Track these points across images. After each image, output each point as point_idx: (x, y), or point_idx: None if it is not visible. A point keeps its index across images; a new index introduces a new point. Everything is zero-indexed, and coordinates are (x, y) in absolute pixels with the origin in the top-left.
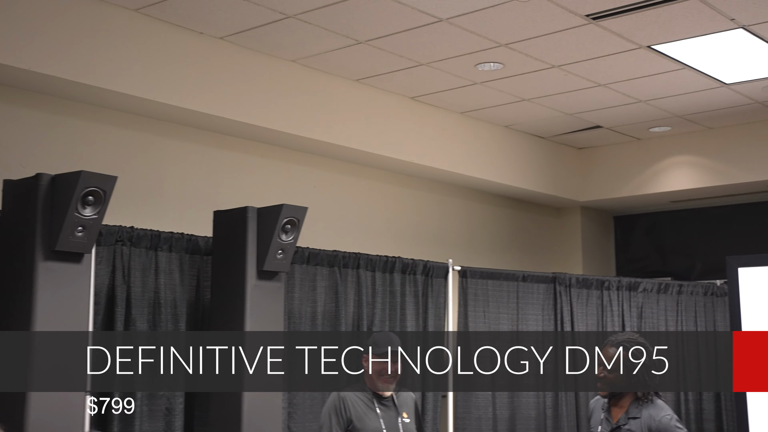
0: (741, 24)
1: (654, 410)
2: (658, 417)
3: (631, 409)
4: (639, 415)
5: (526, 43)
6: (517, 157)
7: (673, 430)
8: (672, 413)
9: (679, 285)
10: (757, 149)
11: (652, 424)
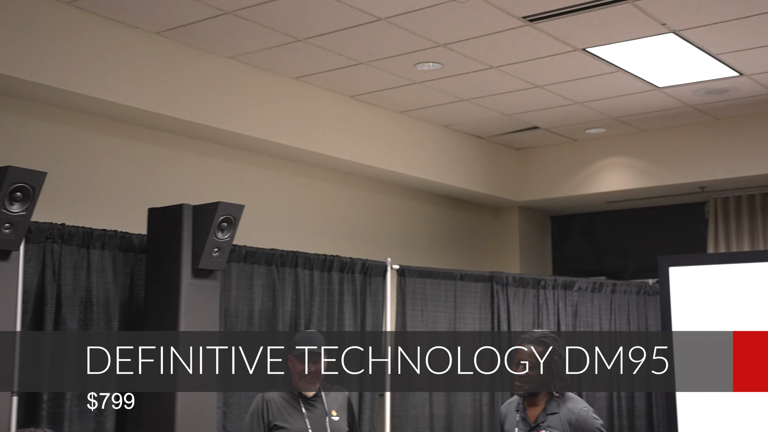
0: (672, 29)
1: (571, 403)
2: (576, 410)
3: (549, 406)
4: (557, 410)
5: (465, 44)
6: (456, 157)
7: (592, 420)
8: (588, 405)
9: (613, 284)
10: (688, 152)
11: (571, 417)
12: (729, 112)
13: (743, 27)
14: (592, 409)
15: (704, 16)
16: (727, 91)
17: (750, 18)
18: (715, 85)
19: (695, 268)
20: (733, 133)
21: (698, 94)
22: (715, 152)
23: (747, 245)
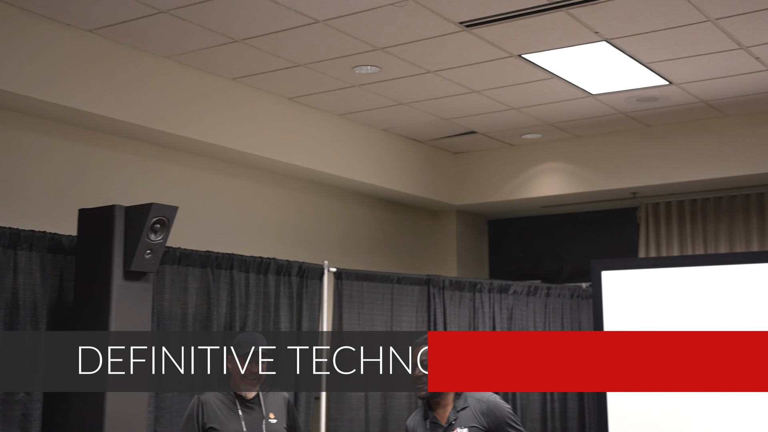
0: (604, 37)
1: (477, 394)
2: (485, 399)
3: (458, 403)
4: (466, 404)
5: (402, 48)
6: (395, 161)
7: (503, 405)
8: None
9: (548, 287)
10: (621, 158)
11: (482, 407)
12: (660, 119)
13: (672, 37)
14: (499, 397)
15: (635, 25)
16: (657, 99)
17: (679, 28)
18: (646, 93)
19: (627, 272)
20: (663, 140)
21: (630, 101)
22: (646, 159)
23: (676, 250)
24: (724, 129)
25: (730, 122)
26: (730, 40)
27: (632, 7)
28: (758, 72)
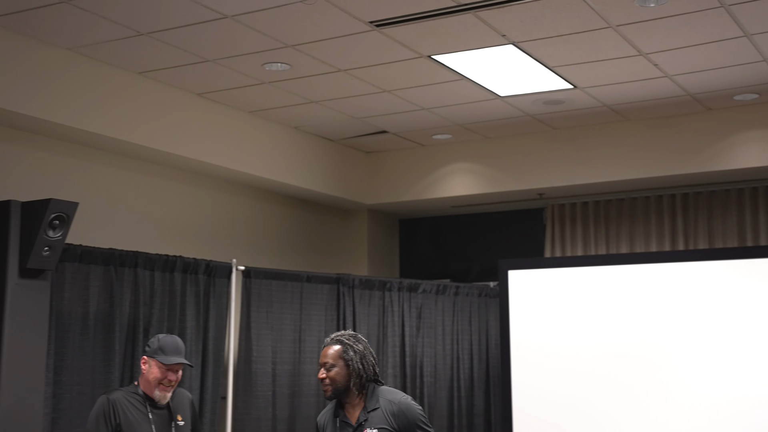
0: (511, 40)
1: (389, 395)
2: (396, 400)
3: (369, 404)
4: (377, 405)
5: (313, 46)
6: (306, 159)
7: (414, 407)
8: (409, 396)
9: (456, 286)
10: (528, 159)
11: (393, 408)
12: (565, 122)
13: (577, 42)
14: (410, 397)
15: (541, 29)
16: (563, 102)
17: (582, 34)
18: (552, 96)
19: (533, 272)
20: (569, 142)
21: (537, 104)
22: (552, 161)
23: (580, 250)
24: (626, 133)
25: (632, 126)
26: (631, 47)
27: (538, 12)
28: (657, 78)
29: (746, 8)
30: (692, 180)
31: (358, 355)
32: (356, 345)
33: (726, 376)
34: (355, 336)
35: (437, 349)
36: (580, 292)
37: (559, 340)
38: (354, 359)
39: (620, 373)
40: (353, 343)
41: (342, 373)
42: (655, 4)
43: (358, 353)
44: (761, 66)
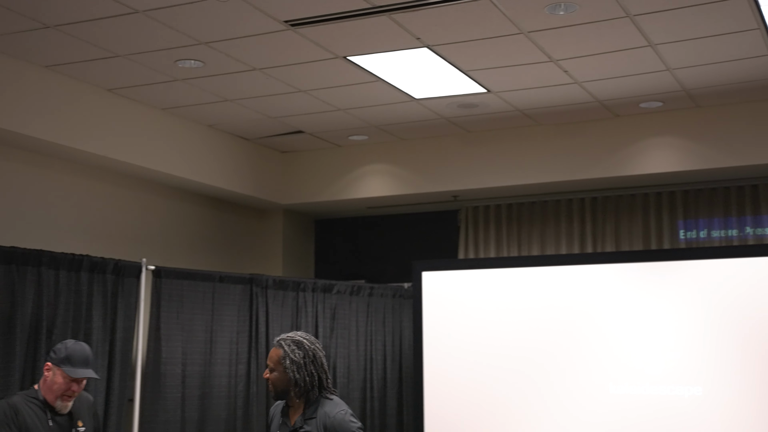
0: (426, 43)
1: (329, 407)
2: (332, 414)
3: (308, 410)
4: (314, 415)
5: (227, 44)
6: (220, 158)
7: (348, 424)
8: (347, 408)
9: (371, 287)
10: (443, 162)
11: (327, 421)
12: (479, 126)
13: (489, 47)
14: (350, 413)
15: (454, 33)
16: (476, 106)
17: (495, 39)
18: (466, 99)
19: (446, 273)
20: (483, 145)
21: (451, 107)
22: (467, 163)
23: (493, 252)
24: (538, 137)
25: (544, 131)
26: (542, 53)
27: (451, 16)
28: (567, 84)
29: (650, 19)
30: (601, 184)
31: (294, 364)
32: (295, 353)
33: (633, 378)
34: (299, 342)
35: (351, 349)
36: (492, 294)
37: (471, 341)
38: (290, 368)
39: (530, 374)
40: (292, 351)
41: (282, 378)
42: (565, 12)
43: (294, 363)
44: (665, 75)
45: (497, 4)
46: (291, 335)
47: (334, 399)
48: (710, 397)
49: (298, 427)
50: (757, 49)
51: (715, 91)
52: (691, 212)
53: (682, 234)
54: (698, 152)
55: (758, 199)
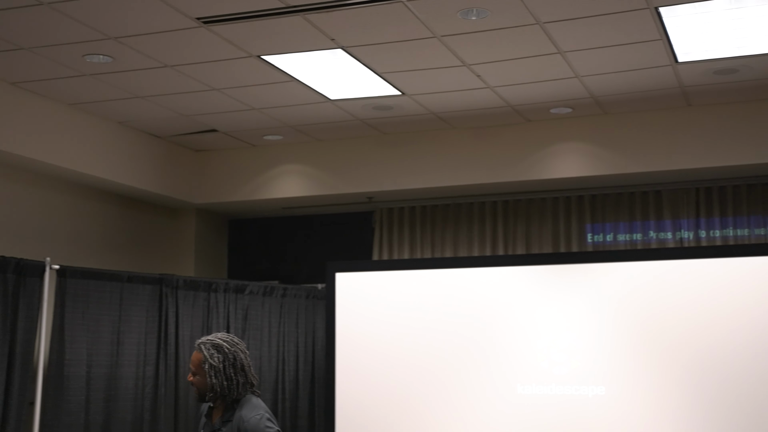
0: (341, 45)
1: (246, 410)
2: (247, 417)
3: (226, 413)
4: (231, 418)
5: (137, 39)
6: (131, 155)
7: (263, 428)
8: (264, 412)
9: (284, 288)
10: (358, 163)
11: (242, 425)
12: (394, 128)
13: (403, 50)
14: (266, 417)
15: (369, 36)
16: (392, 108)
17: (409, 42)
18: (381, 101)
19: (360, 274)
20: (398, 148)
21: (366, 109)
22: (382, 165)
23: (407, 253)
24: (452, 140)
25: (458, 134)
26: (455, 57)
27: (366, 18)
28: (480, 89)
29: (559, 27)
30: (513, 188)
31: (213, 369)
32: (214, 357)
33: (540, 378)
34: (219, 346)
35: (263, 351)
36: (405, 295)
37: (384, 341)
38: (209, 373)
39: (441, 375)
40: (211, 356)
41: (202, 382)
42: (477, 17)
43: (213, 367)
44: (574, 82)
45: (411, 8)
46: (212, 338)
47: (253, 401)
48: (612, 396)
49: (216, 428)
50: (660, 59)
51: (622, 99)
52: (598, 216)
53: (590, 237)
54: (605, 158)
55: (661, 205)
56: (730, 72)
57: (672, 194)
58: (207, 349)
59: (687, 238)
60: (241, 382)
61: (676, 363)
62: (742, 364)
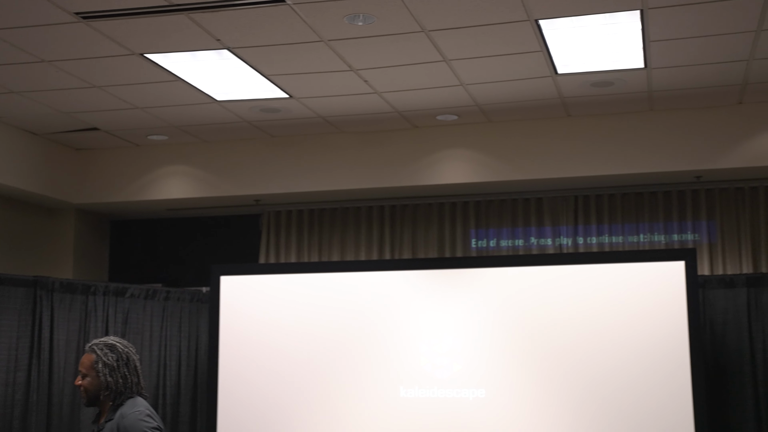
0: (226, 45)
1: (127, 407)
2: (126, 414)
3: (109, 413)
4: (112, 417)
5: (12, 32)
6: (5, 153)
7: (139, 424)
8: (144, 409)
9: (167, 291)
10: (246, 165)
11: (121, 422)
12: (282, 130)
13: (291, 52)
14: (146, 413)
15: (255, 37)
16: (279, 110)
17: (296, 45)
18: (268, 104)
19: (246, 278)
20: (286, 150)
21: (254, 111)
22: (269, 168)
23: (294, 257)
24: (340, 145)
25: (346, 139)
26: (342, 62)
27: (252, 20)
28: (368, 94)
29: (444, 35)
30: (400, 193)
31: (107, 367)
32: (108, 356)
33: (423, 382)
34: (112, 346)
35: (143, 355)
36: (291, 299)
37: (268, 346)
38: (103, 371)
39: (325, 379)
40: (105, 354)
41: (94, 383)
42: (363, 23)
43: (107, 366)
44: (459, 90)
45: (297, 11)
46: (104, 340)
47: (137, 401)
48: (493, 398)
49: (99, 429)
50: (540, 70)
51: (505, 108)
52: (482, 222)
53: (474, 243)
54: (490, 165)
55: (542, 212)
56: (606, 85)
57: (552, 201)
58: (100, 348)
59: (566, 244)
60: (134, 382)
61: (555, 365)
62: (615, 366)
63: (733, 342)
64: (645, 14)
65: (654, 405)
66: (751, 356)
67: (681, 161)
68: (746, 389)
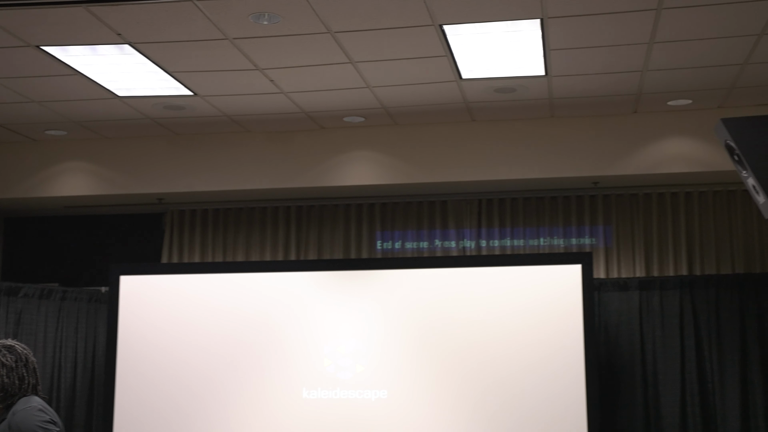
0: (128, 40)
1: (19, 405)
2: (18, 410)
3: (2, 413)
4: (5, 416)
5: None
6: None
7: (31, 418)
8: (37, 404)
9: (64, 291)
10: (149, 163)
11: (12, 419)
12: (187, 128)
13: (195, 50)
14: (38, 408)
15: (158, 33)
16: (184, 108)
17: (200, 42)
18: (172, 101)
19: (147, 278)
20: (190, 149)
21: (157, 108)
22: (173, 166)
23: (198, 257)
24: (246, 144)
25: (253, 138)
26: (248, 61)
27: (153, 14)
28: (274, 94)
29: (350, 37)
30: (306, 194)
31: (5, 368)
32: (6, 357)
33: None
34: (10, 347)
35: (37, 357)
36: (193, 300)
37: (169, 348)
38: (0, 372)
39: (227, 381)
40: (3, 355)
41: None
42: (268, 22)
43: (5, 366)
44: (365, 92)
45: (201, 8)
46: (2, 342)
47: (32, 399)
48: (394, 399)
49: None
50: (445, 74)
51: (411, 111)
52: (387, 224)
53: (379, 244)
54: (396, 167)
55: (446, 215)
56: (508, 91)
57: (456, 205)
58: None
59: (469, 247)
60: (32, 384)
61: (456, 366)
62: (514, 366)
63: (626, 343)
64: (545, 23)
65: (549, 404)
66: (641, 357)
67: (579, 167)
68: (637, 389)
